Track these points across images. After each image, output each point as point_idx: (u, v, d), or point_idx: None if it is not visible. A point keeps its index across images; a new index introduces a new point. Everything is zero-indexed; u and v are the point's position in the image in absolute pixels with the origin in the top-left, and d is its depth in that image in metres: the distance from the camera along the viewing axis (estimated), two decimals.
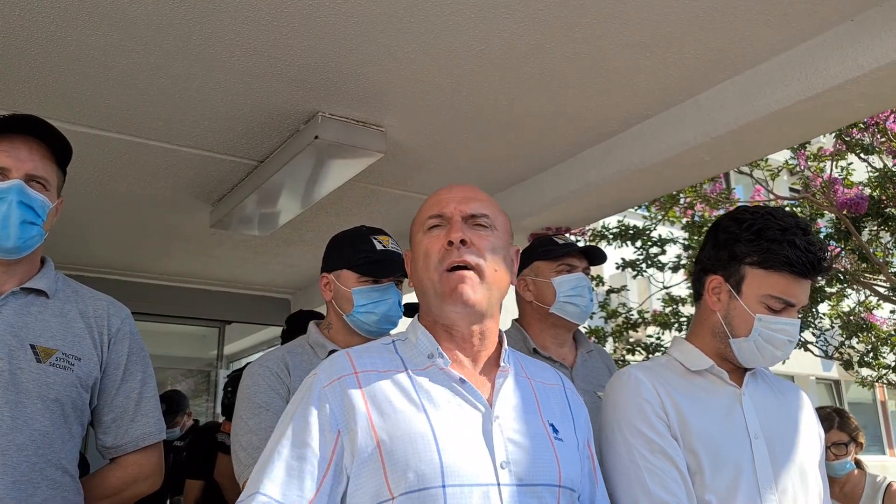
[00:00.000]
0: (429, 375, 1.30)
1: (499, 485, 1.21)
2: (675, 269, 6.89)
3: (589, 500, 1.39)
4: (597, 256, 2.32)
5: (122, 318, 1.80)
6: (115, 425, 1.75)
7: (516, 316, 2.42)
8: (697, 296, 1.72)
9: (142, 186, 3.34)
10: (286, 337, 3.14)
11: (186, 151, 2.98)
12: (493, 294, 1.33)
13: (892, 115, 4.80)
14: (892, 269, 6.23)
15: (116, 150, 2.95)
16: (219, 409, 5.60)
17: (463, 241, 1.30)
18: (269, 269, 4.84)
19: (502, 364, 1.36)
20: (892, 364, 6.93)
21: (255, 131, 2.81)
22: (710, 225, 1.77)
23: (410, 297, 3.94)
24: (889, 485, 3.08)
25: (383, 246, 1.96)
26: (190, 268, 4.82)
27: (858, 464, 3.15)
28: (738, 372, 1.65)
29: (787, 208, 6.31)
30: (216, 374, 5.77)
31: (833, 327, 7.01)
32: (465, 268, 1.29)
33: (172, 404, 4.65)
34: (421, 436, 1.21)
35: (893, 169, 5.44)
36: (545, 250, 2.29)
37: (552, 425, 1.35)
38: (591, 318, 6.94)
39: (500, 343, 1.40)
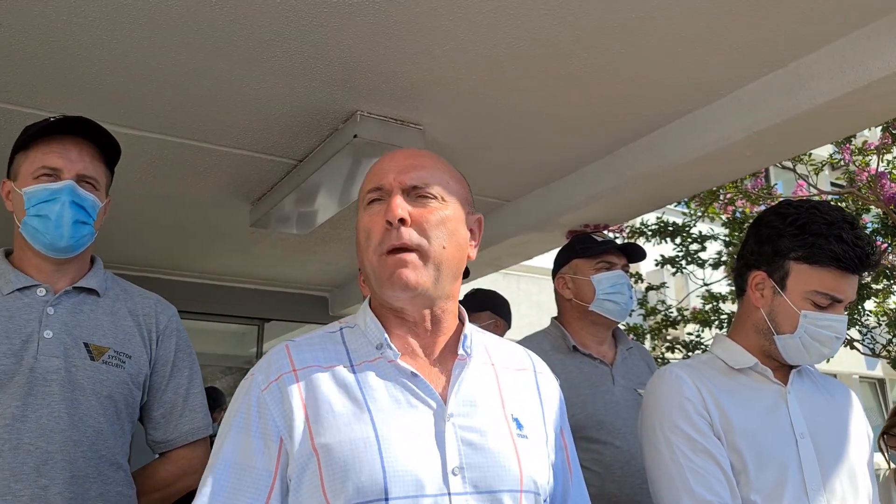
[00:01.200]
0: (376, 369, 1.18)
1: (449, 494, 1.09)
2: (715, 265, 6.80)
3: (562, 495, 1.29)
4: (636, 253, 2.31)
5: (169, 315, 1.84)
6: (165, 421, 1.79)
7: (555, 314, 2.41)
8: (740, 292, 1.69)
9: (184, 186, 3.39)
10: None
11: (227, 151, 3.02)
12: (443, 273, 1.20)
13: None
14: None
15: (159, 151, 3.00)
16: None
17: (402, 220, 1.16)
18: (307, 267, 4.89)
19: (460, 352, 1.22)
20: None
21: (295, 130, 2.84)
22: (750, 221, 1.75)
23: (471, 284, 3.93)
24: None
25: None
26: (230, 266, 4.89)
27: None
28: (783, 370, 1.62)
29: (832, 203, 6.18)
30: None
31: (880, 325, 6.86)
32: (406, 250, 1.17)
33: (210, 400, 4.71)
34: (363, 441, 1.09)
35: None
36: (584, 248, 2.29)
37: (516, 420, 1.21)
38: (630, 315, 6.88)
39: (463, 324, 1.27)
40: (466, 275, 2.96)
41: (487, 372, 1.25)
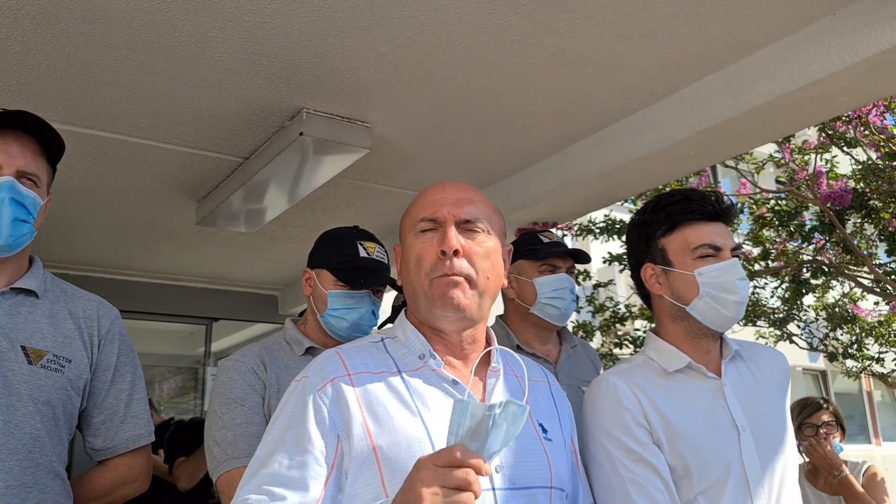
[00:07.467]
0: (421, 377, 1.30)
1: (493, 489, 1.21)
2: None
3: (573, 495, 1.40)
4: (581, 258, 2.33)
5: (111, 318, 1.78)
6: (105, 427, 1.74)
7: (501, 312, 2.42)
8: (645, 296, 1.75)
9: (126, 184, 3.32)
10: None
11: (171, 149, 2.96)
12: (484, 300, 1.34)
13: (874, 109, 4.83)
14: (876, 261, 6.27)
15: (100, 148, 2.93)
16: (206, 407, 5.59)
17: (456, 252, 1.29)
18: (256, 265, 4.82)
19: (493, 364, 1.37)
20: (876, 355, 6.99)
21: (240, 128, 2.80)
22: None
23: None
24: (868, 467, 3.13)
25: (367, 253, 1.93)
26: (176, 265, 4.80)
27: None
28: (718, 362, 1.65)
29: (773, 201, 6.35)
30: (204, 372, 5.74)
31: (818, 319, 7.06)
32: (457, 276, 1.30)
33: None
34: (417, 441, 1.20)
35: (877, 162, 5.47)
36: (529, 249, 2.29)
37: (541, 425, 1.36)
38: (578, 312, 6.97)
39: (489, 342, 1.41)
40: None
41: (513, 382, 1.40)
